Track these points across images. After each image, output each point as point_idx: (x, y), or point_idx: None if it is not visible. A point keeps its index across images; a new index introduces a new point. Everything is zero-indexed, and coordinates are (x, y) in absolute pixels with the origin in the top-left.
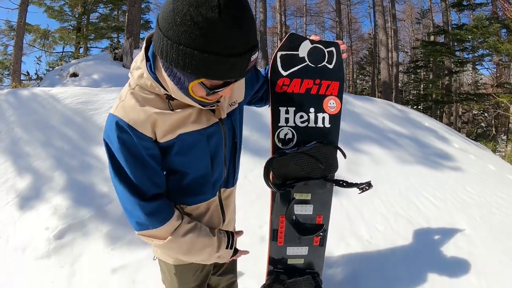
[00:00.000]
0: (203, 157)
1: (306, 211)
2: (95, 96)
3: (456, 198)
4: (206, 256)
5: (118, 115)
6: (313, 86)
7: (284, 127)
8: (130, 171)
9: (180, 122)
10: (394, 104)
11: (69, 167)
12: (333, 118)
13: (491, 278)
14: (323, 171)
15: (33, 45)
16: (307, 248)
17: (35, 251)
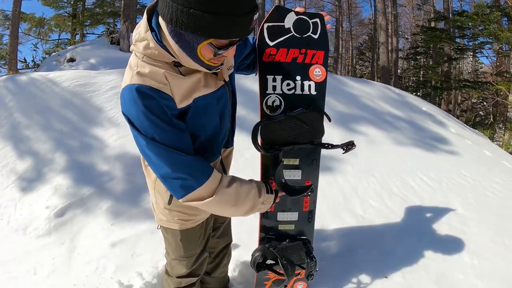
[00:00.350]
0: (214, 118)
1: (295, 176)
2: (93, 78)
3: (451, 180)
4: (252, 203)
5: (137, 83)
6: (299, 55)
7: (271, 94)
8: (162, 135)
9: (193, 87)
10: (392, 88)
11: (69, 148)
12: (318, 85)
13: (483, 257)
14: (309, 136)
15: (29, 33)
16: (297, 213)
17: (36, 230)
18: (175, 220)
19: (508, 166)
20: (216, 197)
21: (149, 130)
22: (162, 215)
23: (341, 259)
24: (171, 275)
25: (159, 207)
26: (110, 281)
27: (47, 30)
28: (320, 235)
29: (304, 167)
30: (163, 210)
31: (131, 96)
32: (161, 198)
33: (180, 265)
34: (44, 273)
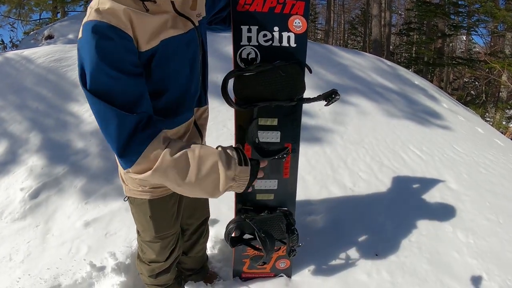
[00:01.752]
0: (183, 67)
1: (273, 138)
2: (68, 52)
3: (444, 155)
4: (214, 179)
5: (94, 20)
6: (277, 5)
7: (246, 46)
8: (113, 87)
9: (159, 26)
10: (384, 60)
11: (45, 126)
12: (299, 37)
13: (479, 235)
14: (288, 92)
15: (8, 16)
16: (277, 181)
17: (12, 214)
18: (145, 189)
19: (500, 144)
20: (158, 170)
21: (96, 79)
22: (130, 185)
23: (327, 234)
24: (143, 260)
25: (127, 175)
26: (83, 263)
27: (28, 10)
28: (305, 208)
29: (283, 128)
30: (131, 178)
31: (85, 35)
32: None
33: (151, 248)
34: (19, 258)
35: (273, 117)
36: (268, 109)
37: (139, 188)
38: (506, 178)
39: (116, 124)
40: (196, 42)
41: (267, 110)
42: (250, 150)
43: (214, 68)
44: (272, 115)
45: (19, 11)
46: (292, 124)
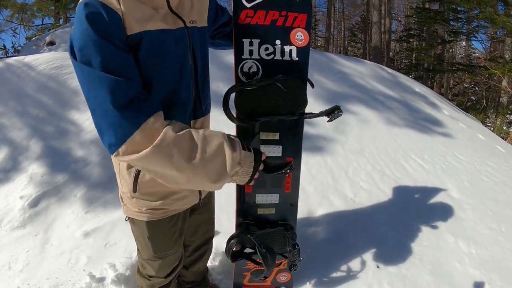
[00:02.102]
0: (171, 65)
1: (274, 152)
2: (68, 60)
3: (445, 163)
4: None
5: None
6: (279, 18)
7: (248, 59)
8: (101, 54)
9: (148, 16)
10: (384, 67)
11: (45, 134)
12: (301, 50)
13: (481, 245)
14: (290, 107)
15: (11, 20)
16: (278, 195)
17: (11, 222)
18: (142, 211)
19: (502, 150)
20: (159, 146)
21: (86, 49)
22: (128, 205)
23: (329, 246)
24: (143, 274)
25: (125, 195)
26: (82, 274)
27: (30, 15)
28: (306, 220)
29: (285, 142)
30: (129, 199)
31: (78, 11)
32: (126, 184)
33: (151, 266)
34: (18, 267)
35: (275, 131)
36: (270, 123)
37: (136, 209)
38: (508, 186)
39: (110, 90)
40: (186, 42)
41: (269, 124)
42: None
43: (215, 77)
44: (273, 129)
45: (21, 16)
46: (294, 138)
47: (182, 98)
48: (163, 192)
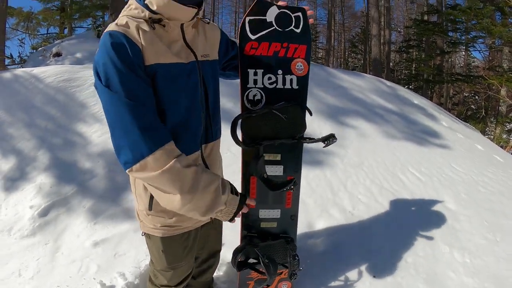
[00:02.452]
0: (183, 95)
1: (276, 172)
2: (77, 73)
3: (442, 175)
4: (211, 199)
5: (111, 29)
6: (281, 49)
7: (252, 88)
8: (123, 82)
9: (164, 48)
10: (383, 80)
11: (53, 145)
12: (301, 79)
13: (475, 255)
14: (291, 131)
15: (17, 28)
16: (279, 210)
17: (21, 231)
18: (157, 227)
19: (500, 160)
20: (166, 173)
21: (109, 75)
22: (145, 221)
23: (328, 257)
24: (155, 284)
25: (141, 212)
26: (93, 282)
27: (35, 24)
28: (306, 232)
29: (286, 162)
30: (145, 216)
31: (103, 40)
32: (142, 202)
33: (163, 276)
34: (29, 274)
35: (277, 153)
36: (272, 146)
37: (151, 225)
38: (505, 196)
39: (128, 116)
40: (197, 75)
41: (272, 146)
42: (255, 182)
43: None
44: (276, 151)
45: (27, 25)
46: (294, 159)
47: (194, 124)
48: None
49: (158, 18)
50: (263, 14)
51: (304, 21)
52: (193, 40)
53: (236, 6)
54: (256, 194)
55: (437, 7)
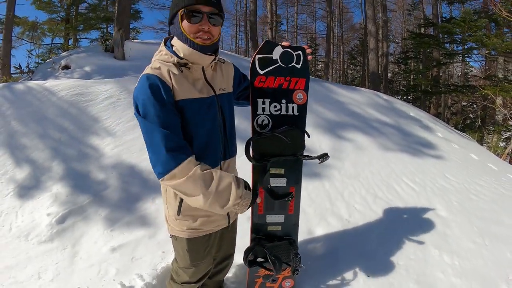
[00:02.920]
0: (206, 122)
1: (280, 183)
2: (89, 88)
3: (436, 184)
4: (228, 194)
5: (149, 73)
6: (284, 82)
7: (261, 115)
8: (157, 114)
9: (189, 87)
10: (380, 94)
11: (67, 156)
12: (300, 107)
13: (463, 257)
14: (292, 149)
15: (22, 37)
16: (283, 216)
17: (38, 236)
18: (184, 230)
19: (494, 168)
20: (191, 178)
21: (147, 109)
22: (173, 225)
23: (326, 259)
24: (176, 281)
25: (170, 217)
26: (113, 283)
27: (40, 34)
28: (306, 238)
29: (288, 175)
30: (174, 220)
31: (141, 81)
32: (172, 209)
33: (186, 273)
34: (48, 277)
35: (281, 167)
36: (277, 162)
37: (178, 228)
38: (497, 203)
39: (160, 139)
40: (215, 106)
41: (277, 162)
42: (263, 192)
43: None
44: (280, 166)
45: (32, 34)
46: (295, 172)
47: (214, 145)
48: (200, 215)
49: (184, 63)
50: (270, 52)
51: (303, 58)
52: (212, 78)
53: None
54: (264, 202)
55: (433, 20)
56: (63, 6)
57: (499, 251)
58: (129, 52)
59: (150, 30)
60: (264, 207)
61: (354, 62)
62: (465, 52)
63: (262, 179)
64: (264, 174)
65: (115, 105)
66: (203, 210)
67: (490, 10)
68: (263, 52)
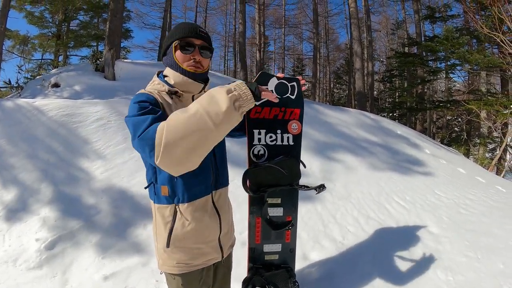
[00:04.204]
0: None
1: (277, 212)
2: (78, 108)
3: (426, 201)
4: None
5: (140, 92)
6: (279, 112)
7: (257, 145)
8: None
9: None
10: (367, 114)
11: (56, 179)
12: (295, 137)
13: (456, 271)
14: (288, 179)
15: (12, 51)
16: (280, 245)
17: (27, 262)
18: (174, 264)
19: (482, 181)
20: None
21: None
22: (162, 260)
23: (322, 283)
24: None
25: (160, 251)
26: None
27: (31, 48)
28: (302, 262)
29: (285, 204)
30: (163, 253)
31: (136, 95)
32: (161, 241)
33: None
34: None
35: (278, 197)
36: (274, 191)
37: (168, 263)
38: (486, 215)
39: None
40: None
41: (273, 192)
42: (260, 222)
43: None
44: (277, 195)
45: (23, 48)
46: (291, 201)
47: (204, 175)
48: (190, 247)
49: (175, 91)
50: (265, 84)
51: (298, 89)
52: None
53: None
54: (261, 232)
55: (416, 38)
56: (54, 22)
57: (491, 263)
58: (119, 72)
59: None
60: (261, 236)
61: (340, 82)
62: (449, 68)
63: (260, 209)
64: (262, 204)
65: (105, 127)
66: (192, 241)
67: (471, 27)
68: (258, 83)
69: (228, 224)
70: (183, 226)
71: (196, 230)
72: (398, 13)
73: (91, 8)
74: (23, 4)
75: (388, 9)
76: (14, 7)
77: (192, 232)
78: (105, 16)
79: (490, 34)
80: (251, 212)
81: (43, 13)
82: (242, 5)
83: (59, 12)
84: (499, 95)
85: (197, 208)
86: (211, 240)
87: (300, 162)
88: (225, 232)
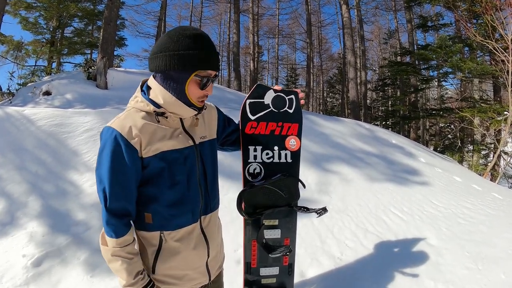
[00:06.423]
0: (180, 176)
1: (275, 235)
2: (69, 118)
3: (423, 212)
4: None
5: (114, 127)
6: (277, 128)
7: (253, 163)
8: (109, 178)
9: (163, 140)
10: (362, 124)
11: (44, 192)
12: (294, 154)
13: (458, 284)
14: (286, 200)
15: (5, 56)
16: (278, 268)
17: (13, 279)
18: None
19: (478, 189)
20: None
21: (102, 166)
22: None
23: None
24: None
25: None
26: None
27: (24, 54)
28: (299, 280)
29: (282, 226)
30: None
31: (107, 136)
32: (146, 267)
33: None
34: None
35: (275, 219)
36: (271, 213)
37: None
38: (485, 224)
39: (103, 206)
40: (194, 157)
41: (270, 213)
42: (256, 245)
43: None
44: (274, 217)
45: (16, 54)
46: (289, 223)
47: (191, 200)
48: (176, 274)
49: (162, 112)
50: (262, 97)
51: (296, 103)
52: (191, 126)
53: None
54: (257, 255)
55: (409, 47)
56: (49, 28)
57: (493, 274)
58: (112, 81)
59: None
60: (258, 260)
61: (333, 91)
62: (441, 76)
63: (256, 233)
64: (257, 228)
65: (95, 138)
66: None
67: (463, 35)
68: (254, 96)
69: (217, 247)
70: (169, 254)
71: (182, 258)
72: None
73: (85, 15)
74: (18, 9)
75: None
76: (8, 12)
77: (178, 260)
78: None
79: (483, 42)
80: (246, 234)
81: (37, 19)
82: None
83: (54, 18)
84: (492, 102)
85: (183, 236)
86: (198, 266)
87: (299, 182)
88: (213, 256)
